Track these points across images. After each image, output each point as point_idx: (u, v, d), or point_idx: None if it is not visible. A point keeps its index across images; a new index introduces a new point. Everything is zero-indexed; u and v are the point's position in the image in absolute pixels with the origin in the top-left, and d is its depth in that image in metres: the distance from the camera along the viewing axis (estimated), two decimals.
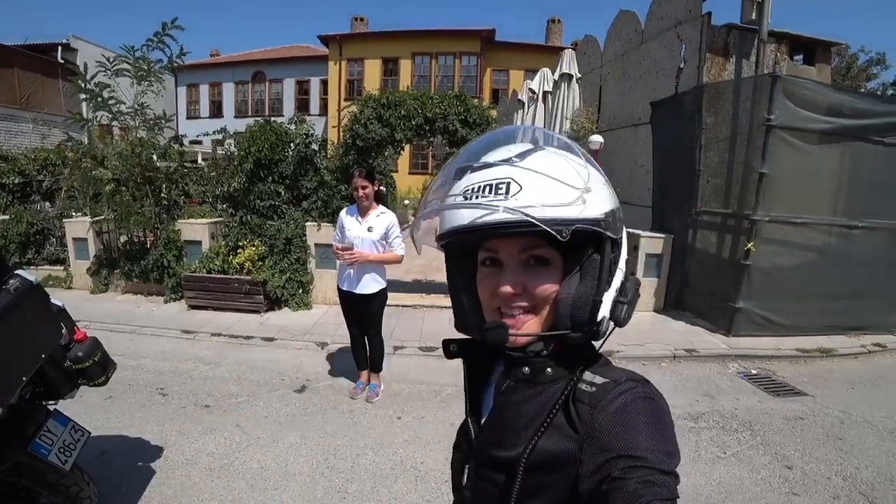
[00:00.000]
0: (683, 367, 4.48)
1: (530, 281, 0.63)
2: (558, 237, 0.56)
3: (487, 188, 0.60)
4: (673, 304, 5.90)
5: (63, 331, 1.98)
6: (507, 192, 0.58)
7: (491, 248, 0.66)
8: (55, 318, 1.95)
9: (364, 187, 3.21)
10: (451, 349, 0.77)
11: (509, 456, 0.63)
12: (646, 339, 4.94)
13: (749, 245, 4.86)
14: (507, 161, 0.61)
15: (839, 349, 4.87)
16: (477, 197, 0.60)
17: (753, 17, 5.58)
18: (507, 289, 0.63)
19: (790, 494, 2.67)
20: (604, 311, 0.62)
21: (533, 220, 0.56)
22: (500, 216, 0.57)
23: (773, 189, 4.86)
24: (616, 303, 0.63)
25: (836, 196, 5.27)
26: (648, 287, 5.85)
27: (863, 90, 14.21)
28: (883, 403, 3.79)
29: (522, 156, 0.61)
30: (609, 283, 0.63)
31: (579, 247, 0.61)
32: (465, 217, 0.61)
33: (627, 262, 0.66)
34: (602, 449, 0.55)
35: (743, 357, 4.66)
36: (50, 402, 2.07)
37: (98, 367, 2.09)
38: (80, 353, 2.02)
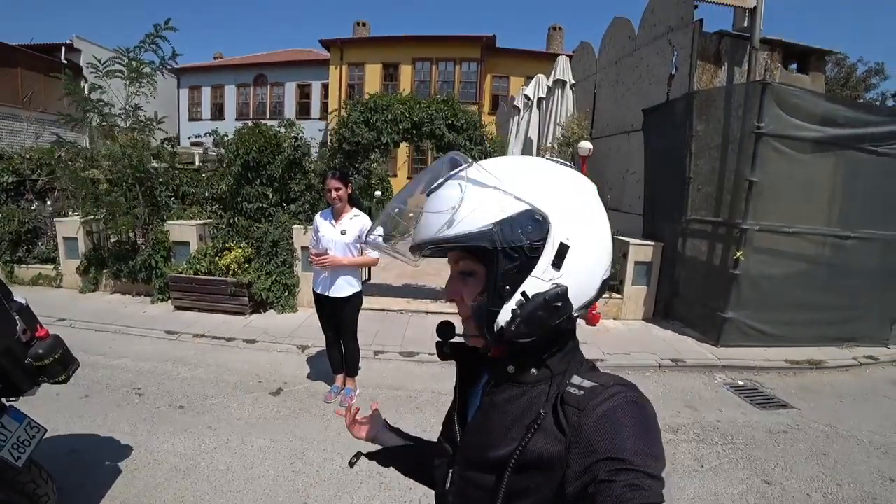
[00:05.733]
0: (668, 377, 4.41)
1: (463, 290, 0.70)
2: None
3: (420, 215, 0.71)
4: (662, 312, 5.83)
5: (18, 326, 1.96)
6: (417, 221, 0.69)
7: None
8: (8, 312, 1.92)
9: (337, 189, 3.19)
10: (444, 350, 0.80)
11: (497, 456, 0.64)
12: (632, 347, 4.89)
13: (738, 254, 4.80)
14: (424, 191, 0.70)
15: (830, 361, 4.78)
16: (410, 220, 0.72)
17: (745, 24, 5.55)
18: (447, 297, 0.74)
19: None
20: (500, 320, 0.62)
21: (422, 242, 0.67)
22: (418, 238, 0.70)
23: (764, 198, 4.81)
24: (512, 314, 0.62)
25: (829, 206, 5.21)
26: (637, 295, 5.79)
27: (861, 100, 14.12)
28: (872, 418, 3.72)
29: (431, 190, 0.69)
30: (510, 294, 0.62)
31: (489, 260, 0.63)
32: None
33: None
34: (589, 451, 0.56)
35: (730, 368, 4.58)
36: (10, 399, 2.05)
37: (59, 365, 2.07)
38: (40, 351, 2.01)
